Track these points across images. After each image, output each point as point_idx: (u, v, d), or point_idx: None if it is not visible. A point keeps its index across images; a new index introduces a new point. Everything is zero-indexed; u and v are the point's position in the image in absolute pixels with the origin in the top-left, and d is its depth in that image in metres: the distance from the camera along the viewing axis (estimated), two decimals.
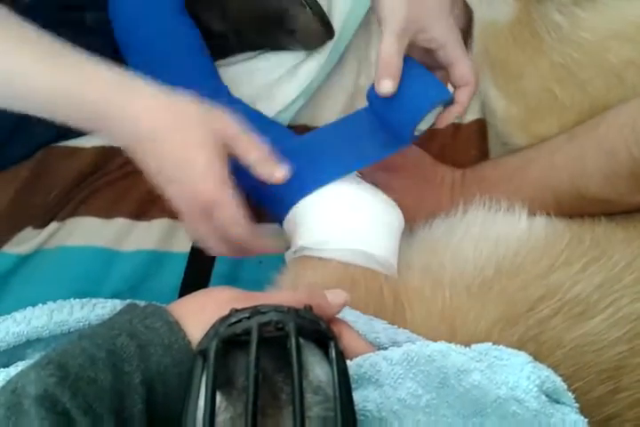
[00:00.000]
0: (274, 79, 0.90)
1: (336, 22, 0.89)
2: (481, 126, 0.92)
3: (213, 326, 0.40)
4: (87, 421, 0.38)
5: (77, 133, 0.80)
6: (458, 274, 0.69)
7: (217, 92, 0.81)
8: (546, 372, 0.46)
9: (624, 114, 0.72)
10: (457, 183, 0.83)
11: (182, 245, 0.84)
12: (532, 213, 0.75)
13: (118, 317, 0.47)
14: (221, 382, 0.36)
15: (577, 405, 0.47)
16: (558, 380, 0.47)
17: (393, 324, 0.61)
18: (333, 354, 0.38)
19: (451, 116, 0.71)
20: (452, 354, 0.46)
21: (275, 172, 0.61)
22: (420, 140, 0.84)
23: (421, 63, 0.69)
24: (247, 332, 0.37)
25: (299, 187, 0.70)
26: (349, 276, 0.68)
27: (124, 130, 0.58)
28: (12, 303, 0.66)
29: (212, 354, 0.36)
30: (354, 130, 0.75)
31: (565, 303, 0.63)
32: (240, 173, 0.62)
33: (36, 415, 0.38)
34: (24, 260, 0.80)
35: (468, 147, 0.92)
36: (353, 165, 0.74)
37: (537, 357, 0.51)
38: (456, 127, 0.92)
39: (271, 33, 0.88)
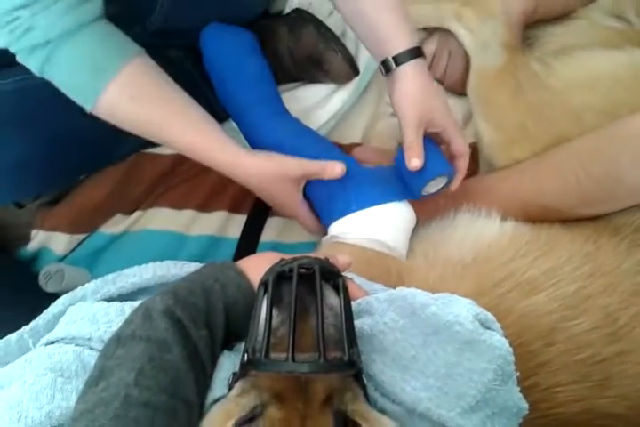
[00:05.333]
0: (310, 105, 1.12)
1: (362, 62, 1.12)
2: (474, 149, 1.11)
3: (270, 269, 0.62)
4: (192, 326, 0.61)
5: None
6: (446, 260, 0.90)
7: (280, 114, 1.02)
8: (480, 309, 0.66)
9: (575, 148, 0.93)
10: (451, 194, 1.04)
11: (234, 232, 1.08)
12: (504, 219, 0.95)
13: (204, 268, 0.71)
14: (275, 301, 0.58)
15: (502, 332, 0.66)
16: (489, 314, 0.66)
17: None
18: (341, 285, 0.60)
19: (457, 181, 0.92)
20: (418, 295, 0.67)
21: (335, 169, 0.89)
22: None
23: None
24: (290, 270, 0.60)
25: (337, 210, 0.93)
26: (366, 257, 0.88)
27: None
28: (105, 272, 0.85)
29: (270, 283, 0.59)
30: (387, 176, 0.95)
31: (520, 283, 0.83)
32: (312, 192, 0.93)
33: (162, 320, 0.60)
34: (115, 238, 1.05)
35: None
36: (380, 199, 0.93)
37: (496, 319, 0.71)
38: None
39: (310, 70, 1.11)
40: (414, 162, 0.85)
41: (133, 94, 0.79)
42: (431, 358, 0.64)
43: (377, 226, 0.90)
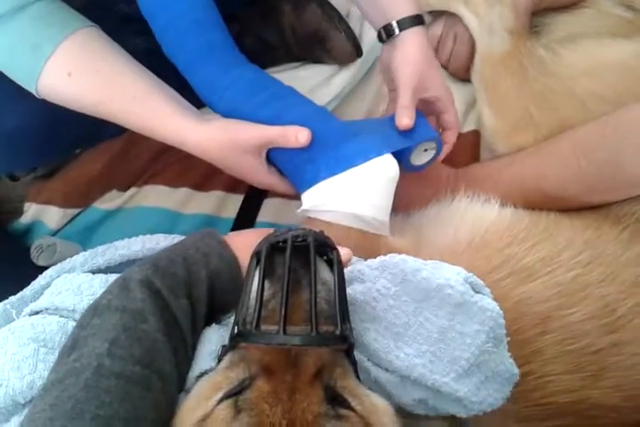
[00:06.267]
0: (312, 85, 1.10)
1: (365, 43, 1.10)
2: (476, 135, 1.12)
3: (264, 239, 0.61)
4: (171, 296, 0.60)
5: None
6: (437, 245, 0.88)
7: (237, 61, 0.87)
8: (470, 273, 0.67)
9: (579, 134, 0.92)
10: (451, 179, 1.02)
11: (230, 213, 1.07)
12: (503, 205, 0.94)
13: (187, 239, 0.70)
14: (267, 272, 0.57)
15: (492, 296, 0.67)
16: (479, 280, 0.67)
17: None
18: (336, 259, 0.59)
19: (443, 154, 0.91)
20: (410, 261, 0.67)
21: (299, 137, 0.79)
22: None
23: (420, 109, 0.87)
24: (284, 241, 0.58)
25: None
26: (352, 238, 0.83)
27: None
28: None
29: (264, 252, 0.58)
30: (362, 128, 0.86)
31: (515, 270, 0.82)
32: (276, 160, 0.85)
33: (139, 291, 0.59)
34: (109, 214, 1.04)
35: (464, 151, 1.11)
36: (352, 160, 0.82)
37: None
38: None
39: (313, 49, 1.10)
40: (405, 120, 0.83)
41: (71, 70, 0.75)
42: (424, 324, 0.64)
43: (351, 195, 0.81)
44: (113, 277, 0.71)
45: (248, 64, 0.87)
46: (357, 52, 1.08)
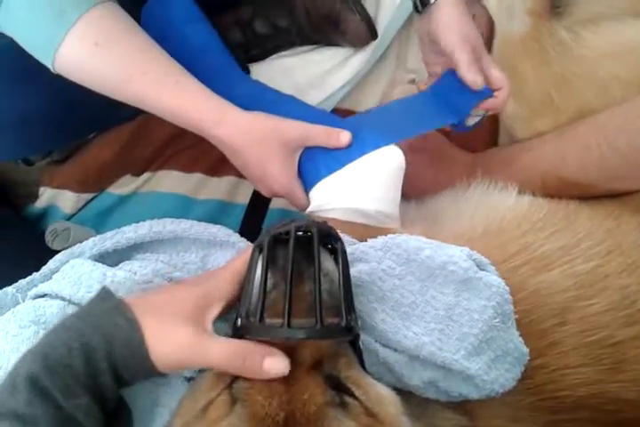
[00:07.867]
0: (325, 70, 1.08)
1: (380, 26, 1.07)
2: (494, 120, 1.09)
3: (266, 231, 0.60)
4: (63, 397, 0.52)
5: None
6: (452, 233, 0.85)
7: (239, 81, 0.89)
8: (474, 251, 0.68)
9: (600, 118, 0.90)
10: (468, 165, 1.01)
11: (243, 198, 1.06)
12: (521, 192, 0.92)
13: (90, 314, 0.58)
14: (268, 264, 0.56)
15: (498, 273, 0.68)
16: (484, 257, 0.68)
17: None
18: (340, 249, 0.58)
19: (499, 110, 0.87)
20: (412, 240, 0.68)
21: (341, 137, 0.78)
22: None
23: None
24: (287, 232, 0.58)
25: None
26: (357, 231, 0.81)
27: (217, 143, 0.78)
28: None
29: (265, 246, 0.57)
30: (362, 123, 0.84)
31: (533, 258, 0.80)
32: None
33: (25, 391, 0.52)
34: (123, 199, 1.04)
35: (482, 136, 1.09)
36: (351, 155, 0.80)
37: None
38: None
39: (326, 32, 1.07)
40: (479, 79, 0.80)
41: (98, 40, 0.69)
42: (430, 302, 0.66)
43: (351, 190, 0.78)
44: (111, 271, 0.71)
45: (250, 81, 0.90)
46: (372, 34, 1.05)
